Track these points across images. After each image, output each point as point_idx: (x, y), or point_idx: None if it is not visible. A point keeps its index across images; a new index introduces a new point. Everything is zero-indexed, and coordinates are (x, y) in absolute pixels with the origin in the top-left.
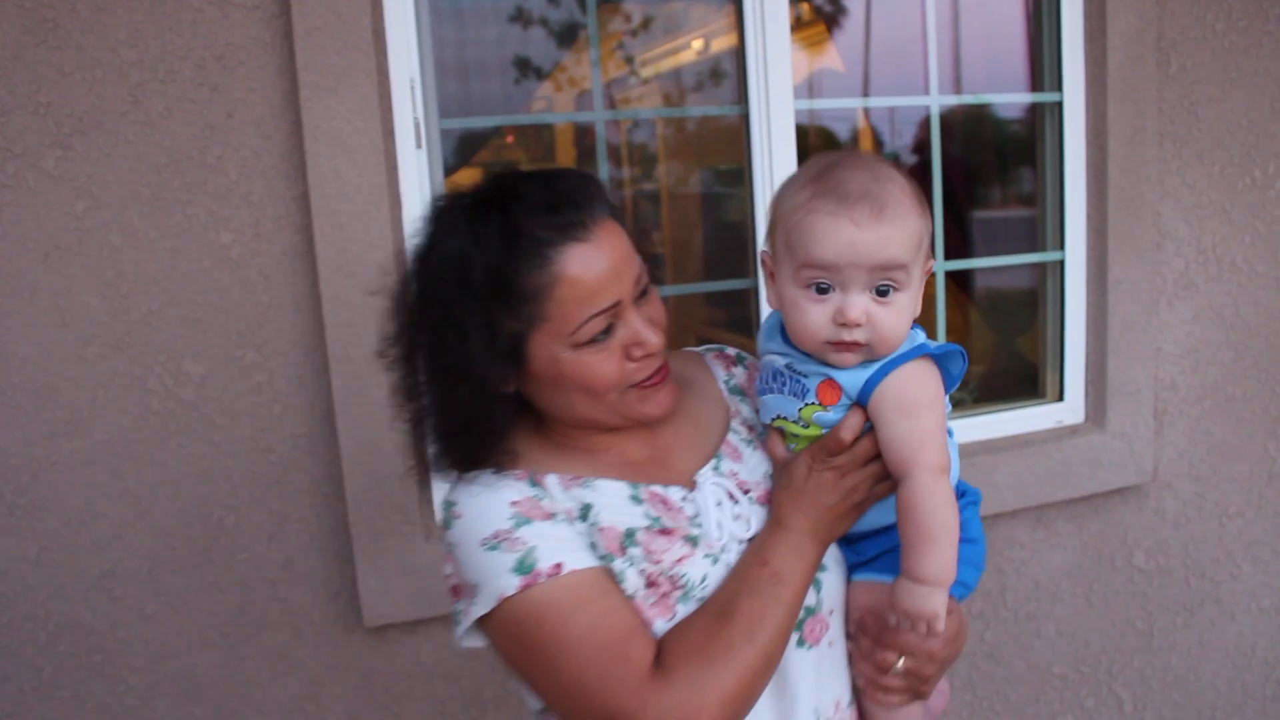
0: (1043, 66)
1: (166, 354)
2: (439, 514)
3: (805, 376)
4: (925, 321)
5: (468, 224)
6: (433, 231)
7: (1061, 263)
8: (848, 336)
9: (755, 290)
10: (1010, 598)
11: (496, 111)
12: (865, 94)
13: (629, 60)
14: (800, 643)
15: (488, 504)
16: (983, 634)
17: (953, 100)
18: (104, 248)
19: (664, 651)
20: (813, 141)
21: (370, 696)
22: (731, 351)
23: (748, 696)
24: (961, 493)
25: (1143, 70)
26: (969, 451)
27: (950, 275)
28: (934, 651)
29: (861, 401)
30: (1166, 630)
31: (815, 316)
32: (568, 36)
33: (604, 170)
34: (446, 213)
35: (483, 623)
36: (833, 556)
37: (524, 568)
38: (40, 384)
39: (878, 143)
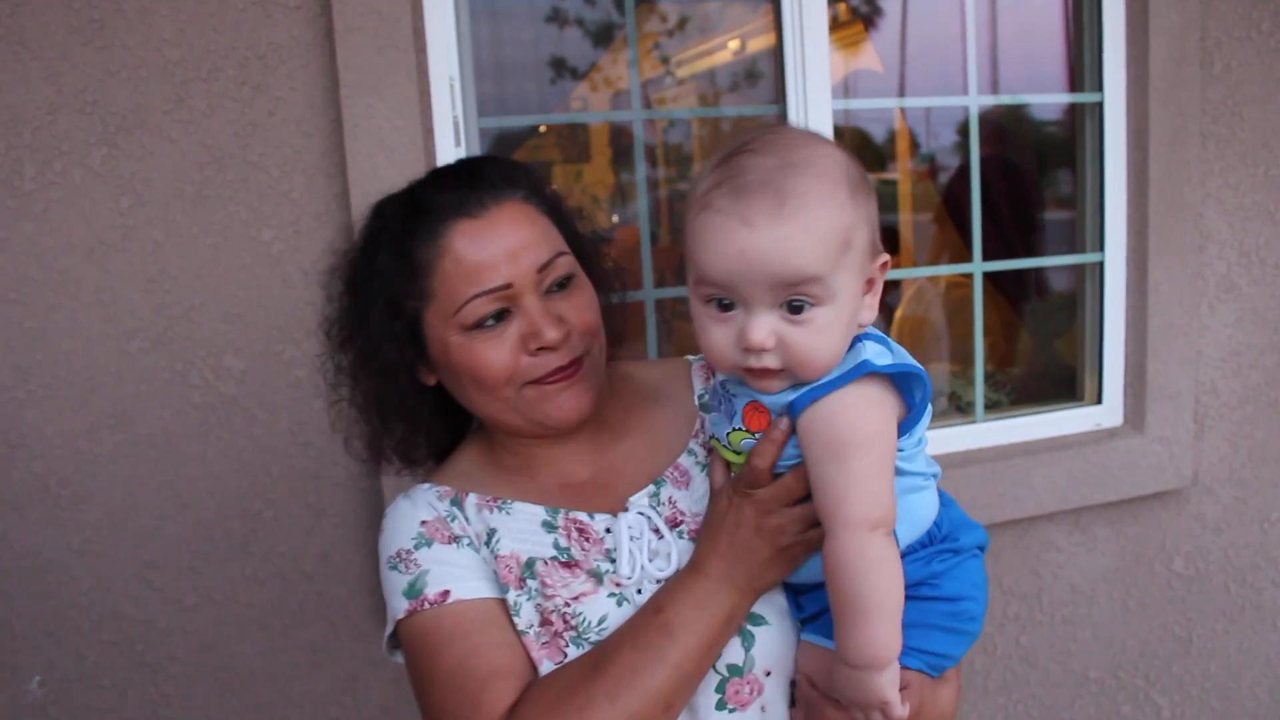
0: (1083, 66)
1: (207, 349)
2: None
3: (735, 397)
4: (963, 324)
5: (385, 208)
6: (365, 224)
7: (1101, 264)
8: (755, 363)
9: None
10: (1046, 601)
11: (533, 111)
12: (902, 94)
13: (665, 60)
14: (720, 705)
15: (401, 521)
16: (1018, 637)
17: (992, 101)
18: (147, 244)
19: (524, 699)
20: (850, 143)
21: (406, 691)
22: None
23: None
24: (942, 549)
25: (1186, 70)
26: (1006, 454)
27: (988, 277)
28: None
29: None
30: (1206, 637)
31: (719, 338)
32: (604, 36)
33: (640, 170)
34: (381, 204)
35: (392, 642)
36: (776, 607)
37: (413, 591)
38: (84, 378)
39: (914, 144)
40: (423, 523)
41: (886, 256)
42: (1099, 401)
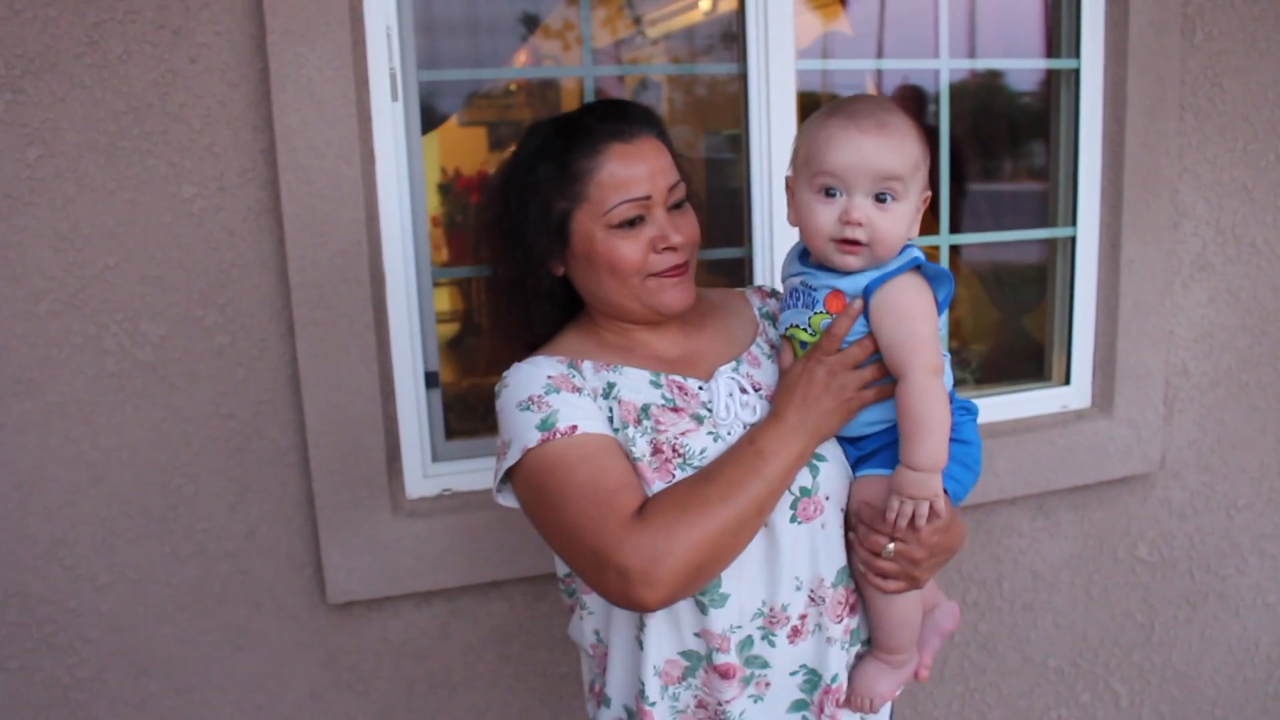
0: (1060, 31)
1: (123, 313)
2: (496, 390)
3: (815, 290)
4: None
5: (546, 131)
6: (521, 143)
7: (1073, 239)
8: (849, 234)
9: (749, 259)
10: (1007, 587)
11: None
12: (873, 57)
13: (637, 20)
14: (793, 519)
15: (529, 375)
16: (977, 624)
17: (964, 64)
18: (58, 199)
19: (649, 503)
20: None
21: (335, 675)
22: (769, 288)
23: (716, 549)
24: (960, 406)
25: (1166, 38)
26: None
27: (955, 250)
28: (922, 535)
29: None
30: (1168, 624)
31: (824, 216)
32: None
33: None
34: (534, 127)
35: (511, 475)
36: (833, 450)
37: (546, 425)
38: None
39: None
40: (549, 376)
41: (930, 192)
42: (1067, 382)
